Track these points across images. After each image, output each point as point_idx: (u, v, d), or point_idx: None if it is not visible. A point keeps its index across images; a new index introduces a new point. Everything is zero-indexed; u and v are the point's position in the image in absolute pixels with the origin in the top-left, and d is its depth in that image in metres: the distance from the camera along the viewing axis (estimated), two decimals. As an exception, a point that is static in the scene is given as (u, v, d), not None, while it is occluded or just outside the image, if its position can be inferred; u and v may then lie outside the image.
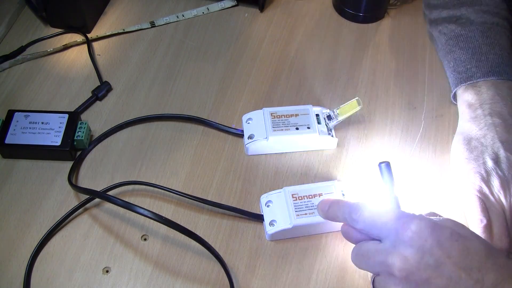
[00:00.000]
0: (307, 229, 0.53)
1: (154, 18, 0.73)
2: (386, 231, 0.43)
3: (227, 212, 0.54)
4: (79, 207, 0.54)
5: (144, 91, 0.65)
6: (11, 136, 0.57)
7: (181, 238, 0.52)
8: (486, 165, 0.53)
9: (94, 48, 0.70)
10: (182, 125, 0.62)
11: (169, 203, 0.55)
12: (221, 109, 0.63)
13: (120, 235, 0.53)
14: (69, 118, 0.58)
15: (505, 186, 0.52)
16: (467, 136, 0.57)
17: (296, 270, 0.51)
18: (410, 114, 0.64)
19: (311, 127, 0.58)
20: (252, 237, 0.53)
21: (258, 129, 0.59)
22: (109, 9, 0.75)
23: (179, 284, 0.50)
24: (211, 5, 0.75)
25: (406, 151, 0.60)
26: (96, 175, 0.57)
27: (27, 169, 0.57)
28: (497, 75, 0.59)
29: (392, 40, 0.72)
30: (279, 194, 0.54)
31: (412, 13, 0.75)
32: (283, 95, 0.65)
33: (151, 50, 0.69)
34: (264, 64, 0.68)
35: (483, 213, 0.52)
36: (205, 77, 0.67)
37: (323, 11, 0.75)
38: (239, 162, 0.59)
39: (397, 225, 0.42)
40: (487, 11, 0.64)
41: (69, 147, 0.57)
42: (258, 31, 0.72)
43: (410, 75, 0.68)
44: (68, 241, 0.52)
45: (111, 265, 0.51)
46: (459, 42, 0.63)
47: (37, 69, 0.67)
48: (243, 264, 0.51)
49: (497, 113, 0.56)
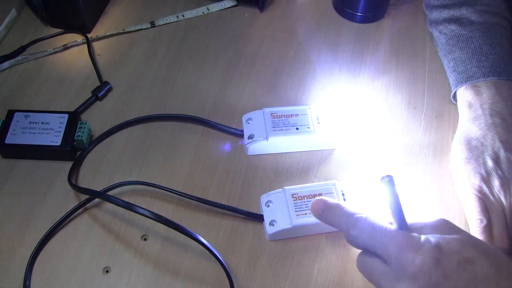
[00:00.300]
0: (307, 229, 0.53)
1: (154, 18, 0.73)
2: (387, 257, 0.41)
3: (227, 212, 0.54)
4: (79, 207, 0.54)
5: (144, 91, 0.65)
6: (11, 136, 0.57)
7: (181, 238, 0.52)
8: (486, 165, 0.53)
9: (94, 48, 0.70)
10: (182, 125, 0.62)
11: (169, 203, 0.55)
12: (221, 109, 0.63)
13: (120, 235, 0.53)
14: (69, 118, 0.58)
15: (505, 186, 0.52)
16: (467, 136, 0.57)
17: (296, 270, 0.51)
18: (410, 114, 0.64)
19: (311, 127, 0.58)
20: (252, 237, 0.53)
21: (258, 129, 0.59)
22: (109, 9, 0.75)
23: (179, 284, 0.50)
24: (211, 5, 0.75)
25: (406, 151, 0.60)
26: (96, 175, 0.57)
27: (27, 169, 0.57)
28: (498, 75, 0.59)
29: (392, 40, 0.72)
30: (279, 194, 0.54)
31: (412, 13, 0.75)
32: (283, 95, 0.65)
33: (151, 50, 0.69)
34: (264, 64, 0.68)
35: (483, 213, 0.52)
36: (205, 77, 0.67)
37: (323, 11, 0.75)
38: (239, 162, 0.59)
39: (400, 255, 0.40)
40: (487, 11, 0.64)
41: (69, 147, 0.57)
42: (258, 31, 0.72)
43: (410, 75, 0.68)
44: (68, 241, 0.52)
45: (111, 265, 0.51)
46: (459, 42, 0.63)
47: (37, 69, 0.67)
48: (243, 264, 0.51)
49: (498, 113, 0.56)
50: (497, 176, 0.53)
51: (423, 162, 0.59)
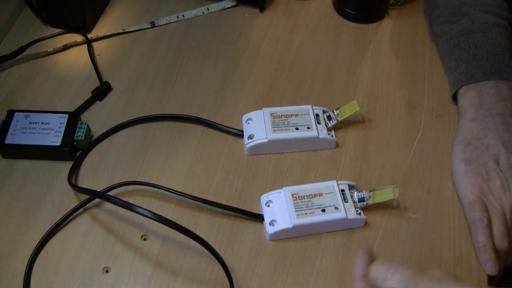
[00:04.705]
0: (307, 229, 0.53)
1: (154, 18, 0.73)
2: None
3: (227, 212, 0.54)
4: (79, 207, 0.54)
5: (144, 91, 0.65)
6: (11, 136, 0.57)
7: (181, 238, 0.52)
8: (487, 166, 0.53)
9: (94, 48, 0.70)
10: (182, 125, 0.62)
11: (169, 203, 0.55)
12: (221, 109, 0.63)
13: (120, 235, 0.53)
14: (69, 118, 0.58)
15: (506, 187, 0.52)
16: (467, 137, 0.57)
17: (296, 270, 0.51)
18: (410, 114, 0.64)
19: (311, 127, 0.58)
20: (252, 237, 0.53)
21: (258, 129, 0.59)
22: (109, 9, 0.75)
23: (179, 284, 0.50)
24: (211, 5, 0.75)
25: (406, 151, 0.60)
26: (96, 175, 0.57)
27: (27, 169, 0.57)
28: (498, 75, 0.59)
29: (392, 40, 0.72)
30: (279, 194, 0.54)
31: (412, 13, 0.75)
32: (283, 95, 0.65)
33: (151, 50, 0.69)
34: (264, 64, 0.68)
35: (484, 213, 0.51)
36: (205, 77, 0.67)
37: (323, 11, 0.75)
38: (239, 162, 0.59)
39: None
40: (488, 11, 0.64)
41: (69, 147, 0.57)
42: (258, 31, 0.72)
43: (410, 75, 0.68)
44: (68, 241, 0.52)
45: (111, 265, 0.51)
46: (460, 42, 0.63)
47: (37, 69, 0.67)
48: (243, 264, 0.51)
49: (498, 113, 0.56)
50: (497, 177, 0.53)
51: (423, 162, 0.59)
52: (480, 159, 0.54)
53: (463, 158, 0.55)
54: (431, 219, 0.55)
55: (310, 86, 0.66)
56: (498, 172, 0.53)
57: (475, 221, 0.51)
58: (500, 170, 0.53)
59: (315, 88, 0.66)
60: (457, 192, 0.56)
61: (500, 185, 0.52)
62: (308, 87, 0.66)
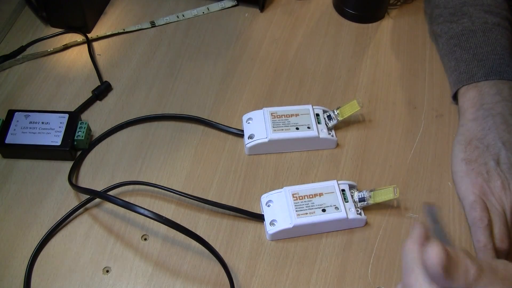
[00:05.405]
0: (307, 229, 0.53)
1: (154, 18, 0.73)
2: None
3: (227, 212, 0.54)
4: (79, 207, 0.54)
5: (144, 91, 0.65)
6: (11, 136, 0.57)
7: (181, 238, 0.52)
8: (487, 166, 0.53)
9: (94, 48, 0.70)
10: (182, 125, 0.62)
11: (169, 203, 0.55)
12: (221, 109, 0.63)
13: (120, 235, 0.53)
14: (69, 118, 0.58)
15: (506, 187, 0.52)
16: (468, 136, 0.57)
17: (296, 270, 0.51)
18: (411, 114, 0.64)
19: (311, 127, 0.58)
20: (252, 237, 0.53)
21: (258, 129, 0.59)
22: (109, 9, 0.75)
23: (179, 284, 0.50)
24: (211, 5, 0.75)
25: (407, 151, 0.60)
26: (96, 175, 0.57)
27: (27, 169, 0.57)
28: (498, 75, 0.59)
29: (392, 40, 0.72)
30: (280, 194, 0.54)
31: (412, 13, 0.75)
32: (283, 95, 0.65)
33: (151, 50, 0.69)
34: (264, 64, 0.68)
35: (484, 213, 0.51)
36: (205, 77, 0.67)
37: (323, 11, 0.75)
38: (239, 162, 0.59)
39: None
40: (488, 11, 0.63)
41: (69, 147, 0.57)
42: (258, 31, 0.72)
43: (410, 75, 0.68)
44: (68, 241, 0.52)
45: (111, 265, 0.51)
46: (460, 42, 0.63)
47: (37, 69, 0.67)
48: (243, 264, 0.51)
49: (498, 113, 0.56)
50: (498, 177, 0.53)
51: (423, 162, 0.59)
52: (481, 159, 0.54)
53: (464, 158, 0.55)
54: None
55: (310, 86, 0.66)
56: (498, 172, 0.53)
57: (476, 221, 0.51)
58: (500, 170, 0.53)
59: (315, 88, 0.66)
60: (457, 192, 0.56)
61: (500, 185, 0.52)
62: (308, 87, 0.66)
